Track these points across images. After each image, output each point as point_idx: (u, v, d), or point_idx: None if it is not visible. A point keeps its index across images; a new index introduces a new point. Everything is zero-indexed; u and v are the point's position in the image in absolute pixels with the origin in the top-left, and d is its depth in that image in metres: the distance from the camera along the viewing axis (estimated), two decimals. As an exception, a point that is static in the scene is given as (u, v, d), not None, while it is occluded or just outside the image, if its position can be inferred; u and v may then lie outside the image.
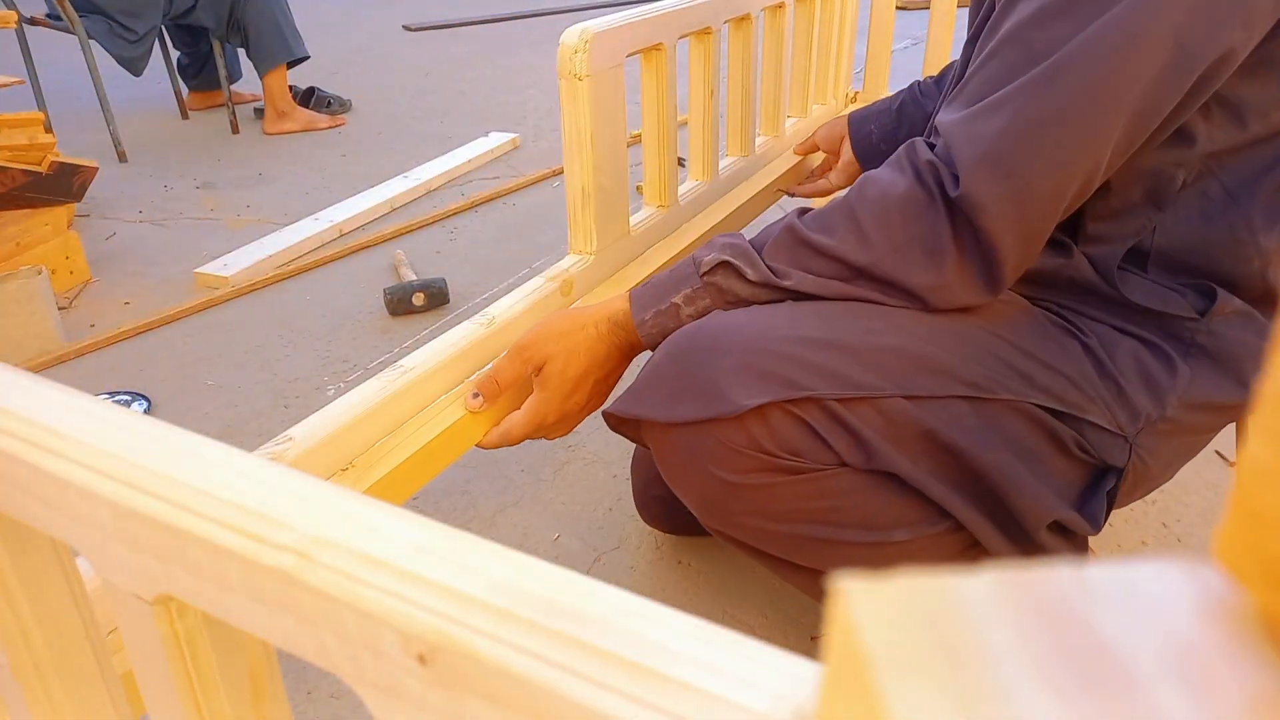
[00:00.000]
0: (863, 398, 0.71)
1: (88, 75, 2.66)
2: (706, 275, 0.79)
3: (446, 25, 4.83)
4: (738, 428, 0.72)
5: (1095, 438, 0.77)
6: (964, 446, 0.73)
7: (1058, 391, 0.75)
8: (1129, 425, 0.76)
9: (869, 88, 1.87)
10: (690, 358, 0.74)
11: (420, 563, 0.24)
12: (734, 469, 0.73)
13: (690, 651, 0.21)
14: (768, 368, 0.71)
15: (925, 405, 0.72)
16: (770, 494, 0.74)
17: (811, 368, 0.71)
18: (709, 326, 0.76)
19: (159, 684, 0.32)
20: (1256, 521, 0.14)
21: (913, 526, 0.75)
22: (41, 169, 1.84)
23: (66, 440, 0.30)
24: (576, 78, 0.98)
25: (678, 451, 0.76)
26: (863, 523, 0.75)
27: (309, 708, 0.96)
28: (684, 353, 0.75)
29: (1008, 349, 0.75)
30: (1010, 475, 0.73)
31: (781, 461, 0.72)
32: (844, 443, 0.72)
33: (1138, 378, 0.77)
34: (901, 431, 0.73)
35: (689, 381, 0.73)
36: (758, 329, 0.73)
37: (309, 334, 1.72)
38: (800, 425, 0.72)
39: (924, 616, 0.14)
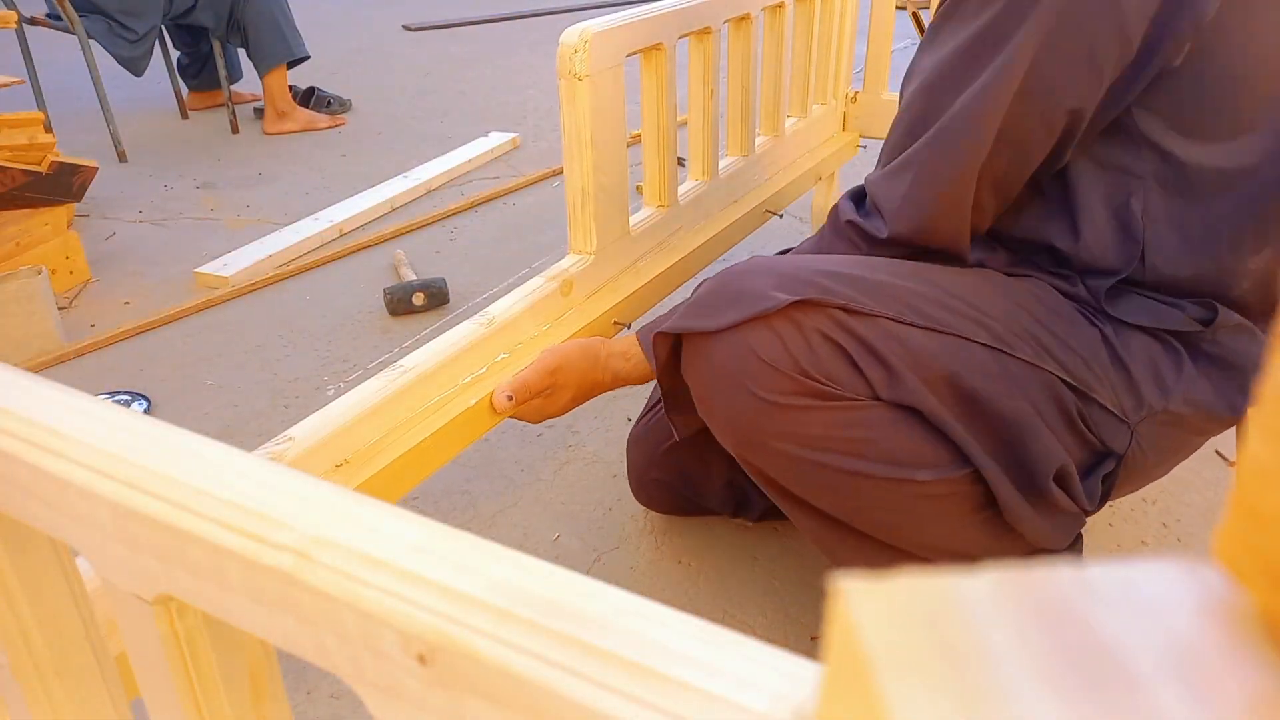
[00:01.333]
0: (890, 318, 0.77)
1: (88, 75, 2.66)
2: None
3: (446, 25, 4.83)
4: (774, 338, 0.77)
5: (1100, 419, 0.81)
6: (983, 393, 0.78)
7: (1070, 367, 0.80)
8: (1133, 412, 0.81)
9: (869, 88, 1.87)
10: (730, 279, 0.82)
11: (420, 563, 0.24)
12: (772, 388, 0.77)
13: (690, 651, 0.21)
14: (804, 279, 0.78)
15: (948, 343, 0.77)
16: (804, 418, 0.77)
17: (843, 286, 0.78)
18: (747, 263, 0.84)
19: (159, 684, 0.32)
20: (1257, 521, 0.14)
21: (934, 468, 0.79)
22: (41, 169, 1.84)
23: (66, 440, 0.30)
24: (576, 78, 0.98)
25: (717, 368, 0.79)
26: (888, 457, 0.78)
27: (309, 708, 0.96)
28: (723, 279, 0.82)
29: (1027, 318, 0.81)
30: (1025, 423, 0.79)
31: (818, 385, 0.76)
32: (876, 371, 0.76)
33: (1147, 369, 0.81)
34: (927, 368, 0.77)
35: (730, 295, 0.80)
36: (794, 261, 0.82)
37: (309, 334, 1.72)
38: (835, 350, 0.76)
39: (924, 616, 0.14)
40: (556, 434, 1.38)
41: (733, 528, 1.19)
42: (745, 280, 0.80)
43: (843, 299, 0.77)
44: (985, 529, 0.83)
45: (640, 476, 1.15)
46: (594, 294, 1.11)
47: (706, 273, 1.70)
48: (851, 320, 0.77)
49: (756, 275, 0.80)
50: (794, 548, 1.16)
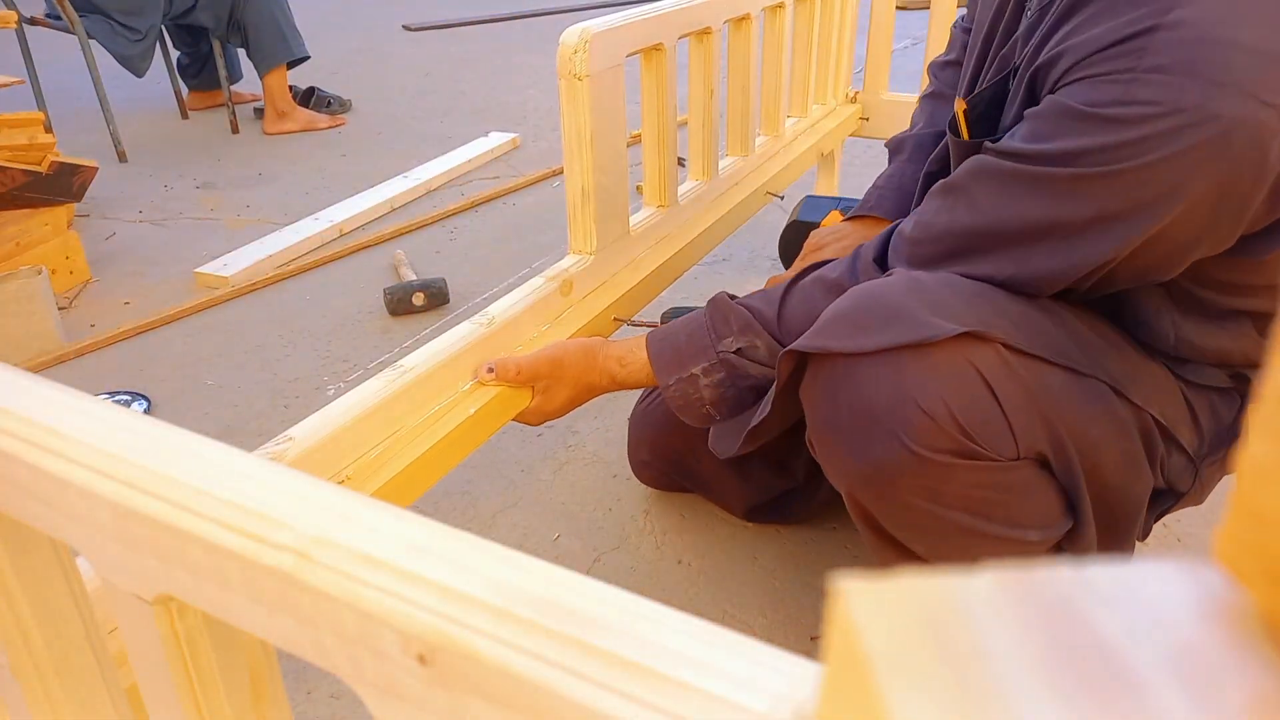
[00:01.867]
0: (1042, 358, 0.72)
1: (88, 75, 2.66)
2: (723, 354, 0.88)
3: (446, 25, 4.83)
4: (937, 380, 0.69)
5: (1175, 460, 0.81)
6: (1102, 442, 0.75)
7: (1164, 408, 0.79)
8: (1199, 450, 0.82)
9: (869, 88, 1.87)
10: (876, 293, 0.73)
11: (420, 563, 0.24)
12: (926, 443, 0.70)
13: (690, 651, 0.21)
14: (959, 305, 0.72)
15: (1082, 387, 0.74)
16: (945, 475, 0.72)
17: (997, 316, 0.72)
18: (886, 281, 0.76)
19: (159, 684, 0.32)
20: (1257, 521, 0.14)
21: (1043, 529, 0.77)
22: (41, 169, 1.84)
23: (66, 440, 0.30)
24: (576, 78, 0.98)
25: (864, 402, 0.71)
26: (1009, 519, 0.75)
27: (309, 708, 0.96)
28: (867, 292, 0.74)
29: (1127, 360, 0.79)
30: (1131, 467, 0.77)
31: (969, 445, 0.71)
32: (1023, 426, 0.71)
33: (1207, 411, 0.82)
34: (1063, 420, 0.74)
35: (881, 313, 0.72)
36: (935, 280, 0.75)
37: (309, 334, 1.72)
38: (992, 402, 0.70)
39: (924, 617, 0.14)
40: (556, 434, 1.38)
41: (733, 528, 1.19)
42: (896, 298, 0.72)
43: (1002, 332, 0.71)
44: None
45: (633, 454, 1.22)
46: (594, 294, 1.11)
47: (702, 268, 1.69)
48: (1012, 360, 0.71)
49: (907, 293, 0.72)
50: (794, 549, 1.16)
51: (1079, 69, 0.68)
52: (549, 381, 0.93)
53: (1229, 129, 0.61)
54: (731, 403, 0.90)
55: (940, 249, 0.78)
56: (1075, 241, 0.70)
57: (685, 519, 1.21)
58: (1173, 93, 0.62)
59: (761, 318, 0.88)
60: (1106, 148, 0.65)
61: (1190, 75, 0.62)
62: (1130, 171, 0.65)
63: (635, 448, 1.20)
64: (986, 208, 0.74)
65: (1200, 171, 0.64)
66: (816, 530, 1.18)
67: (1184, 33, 0.62)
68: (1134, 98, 0.64)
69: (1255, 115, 0.61)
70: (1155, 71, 0.63)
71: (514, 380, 0.91)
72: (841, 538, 1.17)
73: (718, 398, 0.89)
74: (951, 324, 0.69)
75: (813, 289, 0.88)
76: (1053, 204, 0.70)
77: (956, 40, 1.18)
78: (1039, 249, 0.72)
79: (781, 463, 1.12)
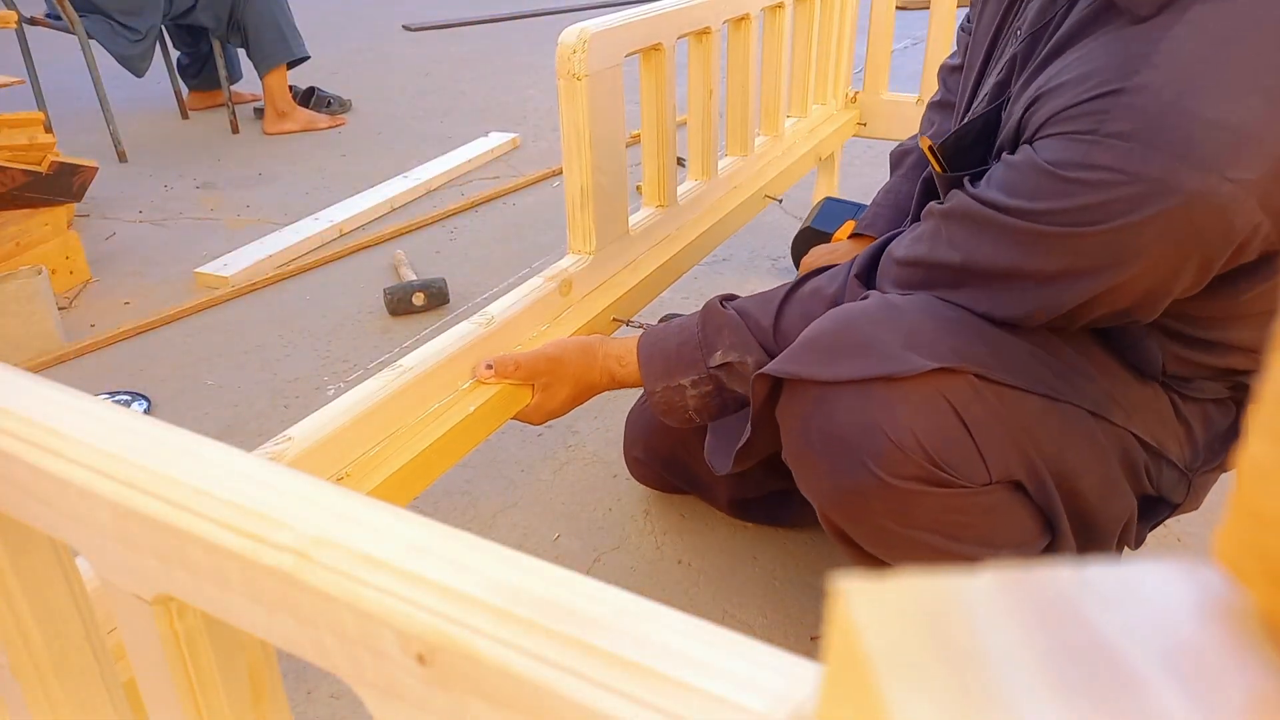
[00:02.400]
0: (1016, 387, 0.73)
1: (88, 75, 2.66)
2: (714, 369, 0.88)
3: (446, 25, 4.83)
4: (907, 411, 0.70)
5: (1165, 473, 0.82)
6: (1079, 466, 0.76)
7: (1148, 426, 0.79)
8: (1192, 464, 0.82)
9: (869, 88, 1.87)
10: (853, 321, 0.74)
11: (420, 563, 0.24)
12: (894, 472, 0.71)
13: (690, 651, 0.21)
14: (932, 337, 0.72)
15: (1060, 414, 0.75)
16: (915, 500, 0.73)
17: (974, 345, 0.73)
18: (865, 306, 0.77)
19: (159, 684, 0.32)
20: (1257, 521, 0.14)
21: (1019, 546, 0.77)
22: (41, 169, 1.84)
23: (66, 440, 0.30)
24: (575, 78, 0.98)
25: (835, 430, 0.73)
26: (982, 539, 0.76)
27: (309, 708, 0.96)
28: (845, 319, 0.75)
29: (1107, 383, 0.78)
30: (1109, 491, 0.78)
31: (938, 474, 0.72)
32: (995, 454, 0.72)
33: (1201, 423, 0.82)
34: (1038, 447, 0.74)
35: (853, 343, 0.73)
36: (915, 307, 0.75)
37: (309, 334, 1.72)
38: (962, 432, 0.71)
39: (924, 617, 0.14)
40: (556, 434, 1.38)
41: (733, 528, 1.19)
42: (870, 328, 0.73)
43: (976, 362, 0.72)
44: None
45: (628, 452, 1.22)
46: (593, 294, 1.11)
47: (703, 268, 1.69)
48: (985, 389, 0.72)
49: (880, 323, 0.73)
50: (794, 548, 1.16)
51: (1050, 124, 0.68)
52: (549, 379, 0.94)
53: (1190, 202, 0.61)
54: (715, 410, 0.92)
55: (921, 276, 0.79)
56: (1044, 289, 0.71)
57: (685, 519, 1.21)
58: (1134, 162, 0.62)
59: (756, 327, 0.89)
60: (1069, 210, 0.66)
61: (1151, 146, 0.61)
62: (1091, 235, 0.65)
63: (630, 445, 1.21)
64: (961, 246, 0.75)
65: (1162, 238, 0.64)
66: (816, 530, 1.18)
67: (1147, 99, 0.62)
68: (1095, 161, 0.64)
69: (1216, 190, 0.61)
70: (1117, 138, 0.63)
71: (513, 377, 0.92)
72: (841, 538, 1.17)
73: (702, 406, 0.91)
74: (923, 359, 0.70)
75: (810, 302, 0.89)
76: (1020, 253, 0.70)
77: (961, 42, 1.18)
78: (1009, 292, 0.73)
79: (775, 462, 1.12)
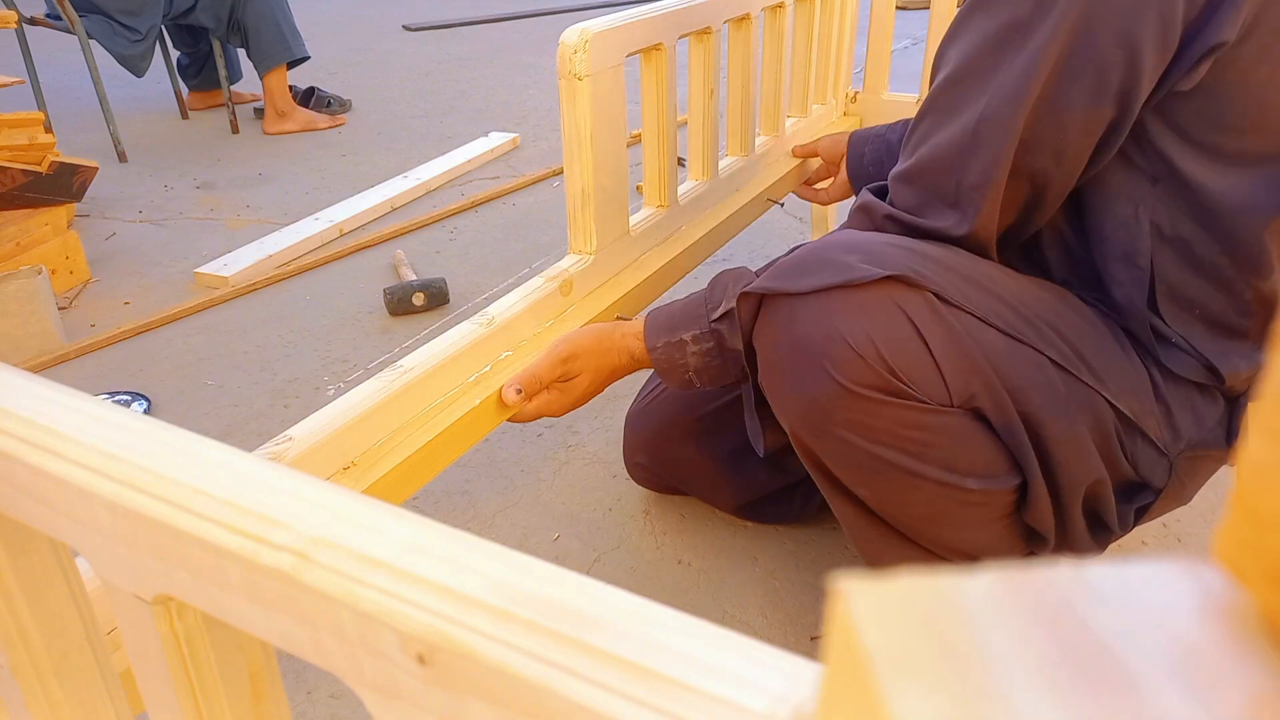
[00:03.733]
0: (977, 316, 0.76)
1: (88, 75, 2.66)
2: (715, 322, 0.88)
3: (446, 25, 4.83)
4: (863, 317, 0.74)
5: (1142, 451, 0.82)
6: (1044, 410, 0.77)
7: (1123, 395, 0.80)
8: (1172, 445, 0.83)
9: (869, 88, 1.87)
10: (816, 248, 0.80)
11: (419, 563, 0.24)
12: (852, 376, 0.75)
13: (690, 651, 0.21)
14: (895, 259, 0.76)
15: (1023, 354, 0.77)
16: (875, 410, 0.76)
17: (934, 272, 0.76)
18: (830, 237, 0.82)
19: (158, 684, 0.32)
20: (1257, 521, 0.14)
21: (984, 478, 0.79)
22: (41, 169, 1.84)
23: (66, 440, 0.30)
24: (576, 78, 0.98)
25: (797, 337, 0.77)
26: (945, 463, 0.78)
27: (309, 708, 0.96)
28: (810, 248, 0.81)
29: (1091, 341, 0.81)
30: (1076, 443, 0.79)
31: (897, 383, 0.75)
32: (954, 374, 0.75)
33: (1185, 407, 0.83)
34: (1001, 378, 0.76)
35: (817, 261, 0.78)
36: (879, 239, 0.81)
37: (309, 334, 1.72)
38: (920, 346, 0.75)
39: (924, 616, 0.14)
40: (556, 434, 1.38)
41: (733, 528, 1.19)
42: (831, 251, 0.78)
43: (935, 285, 0.75)
44: (1006, 535, 0.85)
45: (628, 456, 1.21)
46: (594, 294, 1.11)
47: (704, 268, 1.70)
48: (943, 309, 0.75)
49: (842, 249, 0.78)
50: (794, 548, 1.16)
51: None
52: (565, 377, 0.94)
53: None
54: (715, 372, 0.91)
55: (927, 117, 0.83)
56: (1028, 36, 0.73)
57: (685, 519, 1.21)
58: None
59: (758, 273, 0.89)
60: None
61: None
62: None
63: (631, 450, 1.20)
64: (955, 54, 0.80)
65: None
66: (816, 530, 1.18)
67: None
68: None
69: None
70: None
71: (541, 388, 0.93)
72: (841, 538, 1.17)
73: (702, 365, 0.91)
74: (880, 269, 0.75)
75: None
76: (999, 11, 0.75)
77: None
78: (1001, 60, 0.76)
79: (777, 460, 1.12)
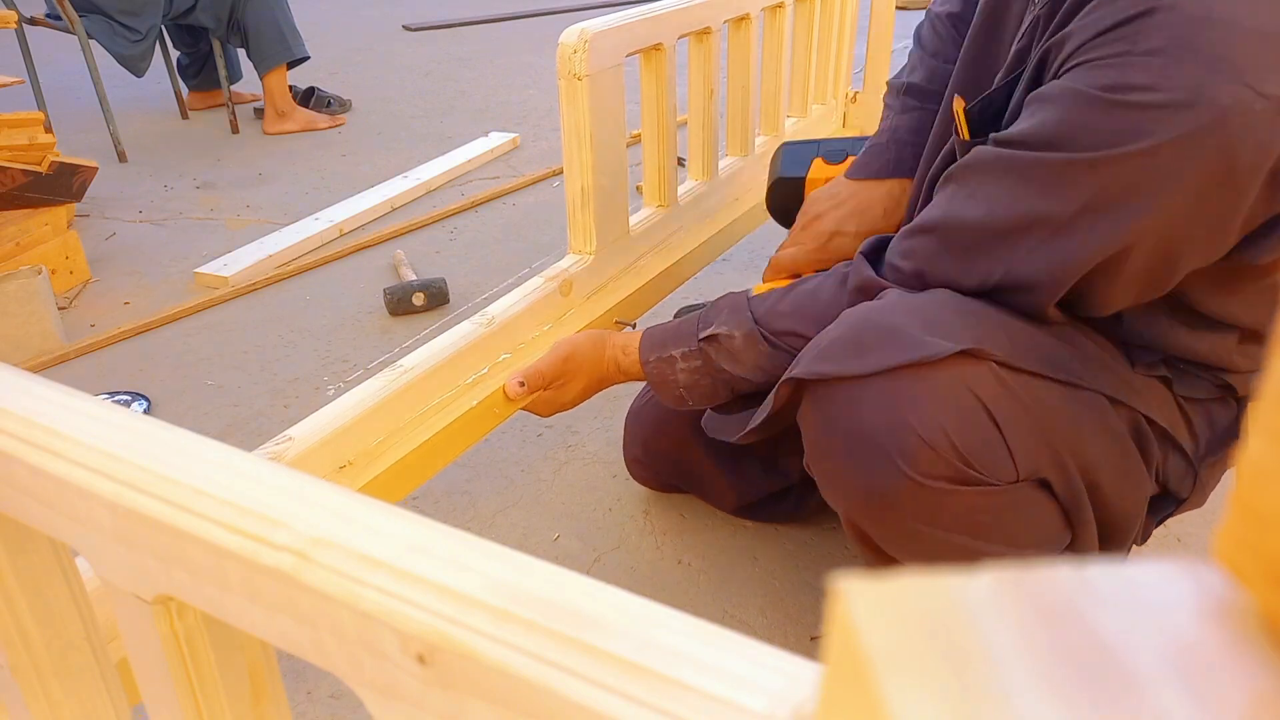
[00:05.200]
0: (1040, 374, 0.72)
1: (88, 75, 2.66)
2: (702, 341, 0.88)
3: (446, 25, 4.82)
4: (934, 404, 0.69)
5: (1173, 464, 0.81)
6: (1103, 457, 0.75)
7: (1155, 408, 0.78)
8: (1195, 453, 0.82)
9: (869, 88, 1.87)
10: (871, 316, 0.74)
11: (419, 563, 0.24)
12: (925, 471, 0.70)
13: (690, 651, 0.21)
14: (952, 322, 0.71)
15: (1082, 400, 0.74)
16: (945, 500, 0.71)
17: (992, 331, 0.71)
18: (882, 302, 0.76)
19: (159, 684, 0.32)
20: (1257, 521, 0.14)
21: (1042, 546, 0.77)
22: (41, 169, 1.84)
23: (66, 440, 0.30)
24: (576, 78, 0.98)
25: (863, 428, 0.71)
26: (1008, 539, 0.75)
27: (309, 708, 0.96)
28: (863, 316, 0.74)
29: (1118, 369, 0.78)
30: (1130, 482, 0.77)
31: (968, 472, 0.71)
32: (1022, 450, 0.71)
33: (1202, 414, 0.82)
34: (1063, 439, 0.73)
35: (876, 333, 0.72)
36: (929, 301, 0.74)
37: (309, 334, 1.72)
38: (991, 427, 0.70)
39: (924, 617, 0.14)
40: (556, 434, 1.38)
41: (733, 528, 1.19)
42: (890, 318, 0.72)
43: (998, 348, 0.70)
44: None
45: (627, 451, 1.21)
46: (594, 294, 1.11)
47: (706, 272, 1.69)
48: (1009, 378, 0.71)
49: (899, 315, 0.72)
50: (794, 549, 1.16)
51: (1078, 54, 0.67)
52: (564, 379, 0.96)
53: (1224, 114, 0.60)
54: (705, 391, 0.91)
55: (934, 244, 0.77)
56: (1062, 238, 0.69)
57: (685, 519, 1.21)
58: (1167, 75, 0.61)
59: (758, 306, 0.88)
60: (1099, 131, 0.64)
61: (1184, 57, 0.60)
62: (1119, 158, 0.64)
63: (629, 445, 1.21)
64: (982, 195, 0.73)
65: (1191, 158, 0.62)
66: (816, 530, 1.18)
67: (1179, 14, 0.61)
68: (1128, 81, 0.62)
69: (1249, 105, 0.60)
70: (1150, 54, 0.62)
71: (542, 385, 0.94)
72: (841, 538, 1.17)
73: (692, 383, 0.91)
74: (947, 342, 0.69)
75: (816, 281, 0.88)
76: (1041, 193, 0.69)
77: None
78: (1024, 244, 0.71)
79: (774, 462, 1.12)
